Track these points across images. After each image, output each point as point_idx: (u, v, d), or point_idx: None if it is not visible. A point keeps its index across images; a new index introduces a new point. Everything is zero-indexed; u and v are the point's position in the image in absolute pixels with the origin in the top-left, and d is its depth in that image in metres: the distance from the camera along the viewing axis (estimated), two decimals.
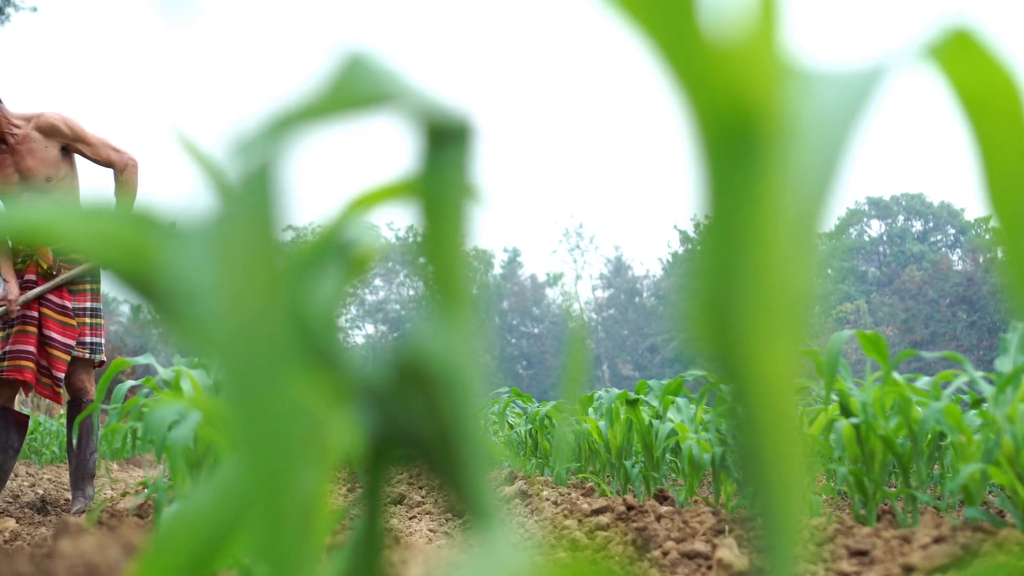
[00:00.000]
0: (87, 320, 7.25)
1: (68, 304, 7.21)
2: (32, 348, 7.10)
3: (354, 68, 0.52)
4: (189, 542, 0.75)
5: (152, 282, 0.53)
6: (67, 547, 1.67)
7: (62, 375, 7.15)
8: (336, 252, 0.65)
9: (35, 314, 7.13)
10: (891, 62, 0.53)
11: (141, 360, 3.92)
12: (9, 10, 34.61)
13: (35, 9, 35.75)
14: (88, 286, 7.27)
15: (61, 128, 7.12)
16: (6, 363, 7.11)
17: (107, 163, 7.22)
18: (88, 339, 7.24)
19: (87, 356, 7.22)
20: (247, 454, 0.46)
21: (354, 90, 0.51)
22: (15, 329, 7.15)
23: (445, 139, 0.54)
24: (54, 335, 7.14)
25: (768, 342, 0.47)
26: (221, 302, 0.47)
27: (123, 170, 7.19)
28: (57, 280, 7.13)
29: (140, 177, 7.30)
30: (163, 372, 3.46)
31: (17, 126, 7.11)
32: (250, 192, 0.48)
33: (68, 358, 7.17)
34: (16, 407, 7.40)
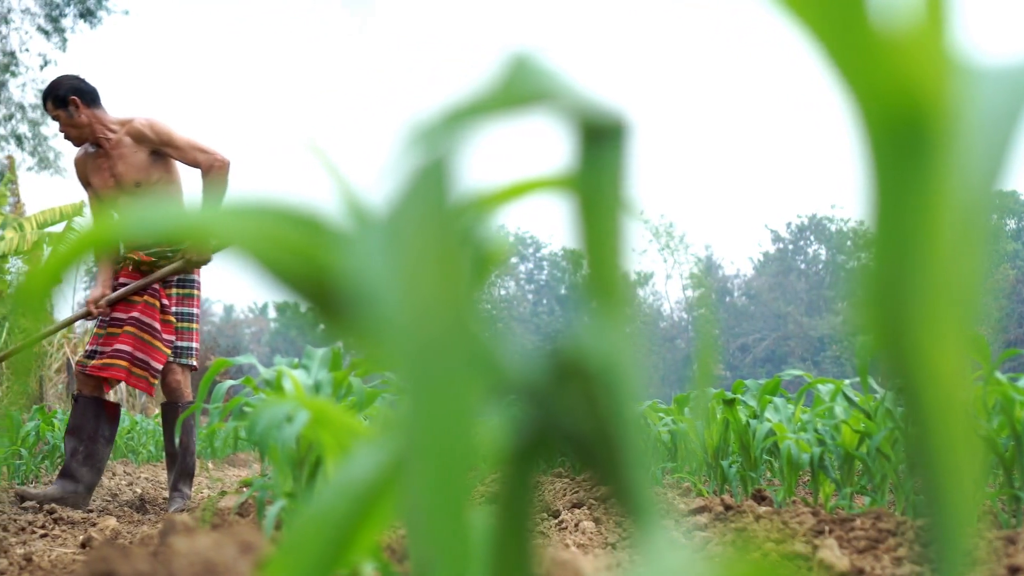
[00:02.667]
0: (174, 322, 7.35)
1: (168, 304, 7.33)
2: (124, 347, 7.24)
3: (520, 67, 0.52)
4: (315, 543, 0.75)
5: (319, 283, 0.54)
6: (182, 545, 1.69)
7: (159, 366, 7.26)
8: (470, 247, 0.64)
9: (123, 316, 7.26)
10: None
11: (243, 360, 3.94)
12: (101, 13, 35.10)
13: (127, 12, 36.23)
14: (175, 290, 7.38)
15: (147, 134, 7.21)
16: (95, 360, 7.26)
17: (194, 164, 7.27)
18: (174, 342, 7.35)
19: (171, 360, 7.32)
20: (429, 458, 0.47)
21: (520, 88, 0.51)
22: (107, 330, 7.30)
23: (602, 138, 0.54)
24: (157, 325, 7.27)
25: (940, 338, 0.47)
26: (404, 301, 0.47)
27: (208, 170, 7.22)
28: (144, 281, 7.24)
29: (230, 177, 7.32)
30: (264, 372, 3.49)
31: (113, 131, 7.24)
32: (428, 185, 0.49)
33: (169, 352, 7.29)
34: (112, 397, 7.54)
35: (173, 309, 7.37)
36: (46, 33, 35.01)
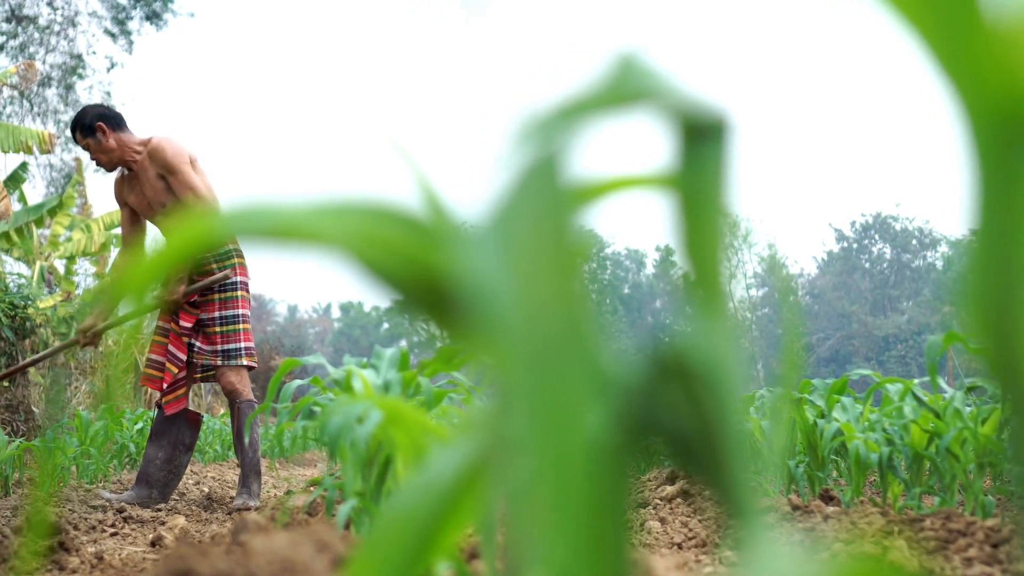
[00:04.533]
0: (217, 329, 7.45)
1: (187, 324, 7.45)
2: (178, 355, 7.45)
3: (625, 67, 0.52)
4: (398, 543, 0.75)
5: (424, 283, 0.54)
6: (259, 543, 1.69)
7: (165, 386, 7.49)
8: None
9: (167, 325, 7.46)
10: None
11: (311, 360, 3.94)
12: (167, 15, 35.46)
13: (192, 14, 36.65)
14: (216, 296, 7.46)
15: (156, 156, 7.27)
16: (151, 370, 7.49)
17: (182, 196, 7.32)
18: (220, 347, 7.44)
19: (219, 363, 7.41)
20: (545, 459, 0.47)
21: (626, 87, 0.51)
22: (158, 338, 7.48)
23: (704, 137, 0.54)
24: (173, 350, 7.44)
25: None
26: (519, 299, 0.47)
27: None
28: (197, 286, 7.35)
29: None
30: (334, 372, 3.50)
31: (137, 151, 7.33)
32: (541, 181, 0.49)
33: (175, 371, 7.43)
34: (191, 406, 7.66)
35: (216, 315, 7.46)
36: (112, 36, 35.39)
